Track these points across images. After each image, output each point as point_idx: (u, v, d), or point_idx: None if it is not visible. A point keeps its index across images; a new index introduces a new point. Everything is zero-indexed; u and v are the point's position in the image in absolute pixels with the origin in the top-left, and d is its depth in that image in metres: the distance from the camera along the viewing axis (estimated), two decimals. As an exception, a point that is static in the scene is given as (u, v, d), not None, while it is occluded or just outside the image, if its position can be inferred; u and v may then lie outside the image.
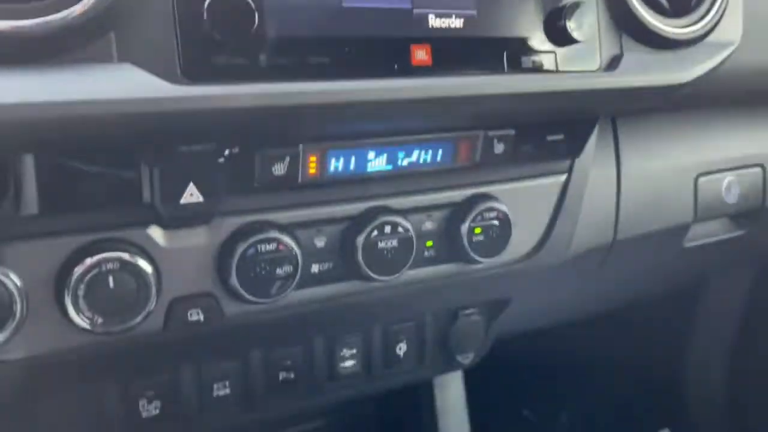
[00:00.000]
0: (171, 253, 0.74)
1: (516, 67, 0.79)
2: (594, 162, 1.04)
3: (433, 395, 1.23)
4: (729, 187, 1.20)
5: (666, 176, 1.13)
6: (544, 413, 2.14)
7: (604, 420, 2.04)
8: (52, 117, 0.56)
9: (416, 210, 0.88)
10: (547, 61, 0.81)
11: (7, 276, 0.66)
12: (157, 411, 0.85)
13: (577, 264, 1.07)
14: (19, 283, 0.66)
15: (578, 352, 2.09)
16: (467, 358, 1.08)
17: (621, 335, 2.03)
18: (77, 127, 0.58)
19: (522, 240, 0.97)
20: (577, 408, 2.12)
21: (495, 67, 0.78)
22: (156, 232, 0.73)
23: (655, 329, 2.01)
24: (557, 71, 0.82)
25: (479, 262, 0.91)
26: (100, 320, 0.69)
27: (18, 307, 0.66)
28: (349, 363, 0.97)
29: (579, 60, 0.83)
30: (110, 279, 0.69)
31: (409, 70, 0.72)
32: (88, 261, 0.68)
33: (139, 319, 0.71)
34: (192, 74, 0.62)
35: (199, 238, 0.75)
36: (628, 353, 2.02)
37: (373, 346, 0.98)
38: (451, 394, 1.25)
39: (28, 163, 0.63)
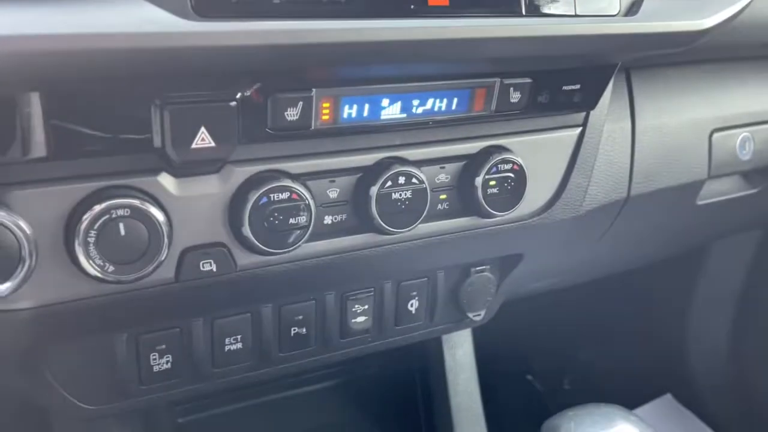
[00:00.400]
0: (182, 202, 0.72)
1: (534, 10, 0.77)
2: (609, 116, 1.02)
3: (442, 354, 1.23)
4: (743, 144, 1.18)
5: (681, 131, 1.11)
6: (547, 378, 2.15)
7: (606, 385, 2.05)
8: (58, 50, 0.54)
9: (430, 161, 0.86)
10: (566, 5, 0.79)
11: (16, 222, 0.64)
12: (169, 365, 0.85)
13: (591, 220, 1.06)
14: (28, 230, 0.65)
15: (581, 318, 2.09)
16: (478, 316, 1.07)
17: (624, 299, 2.03)
18: (83, 61, 0.55)
19: (536, 194, 0.95)
20: (579, 373, 2.12)
21: (512, 10, 0.76)
22: (167, 180, 0.71)
23: (658, 293, 2.01)
24: (576, 15, 0.79)
25: (493, 216, 0.90)
26: (111, 268, 0.68)
27: (27, 255, 0.65)
28: (360, 319, 0.96)
29: (598, 4, 0.81)
30: (121, 226, 0.67)
31: (426, 10, 0.70)
32: (98, 207, 0.66)
33: (150, 268, 0.70)
34: (203, 10, 0.60)
35: (211, 187, 0.74)
36: (631, 318, 2.02)
37: (385, 302, 0.97)
38: (461, 352, 1.24)
39: (36, 104, 0.61)
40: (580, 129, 0.97)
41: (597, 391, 2.07)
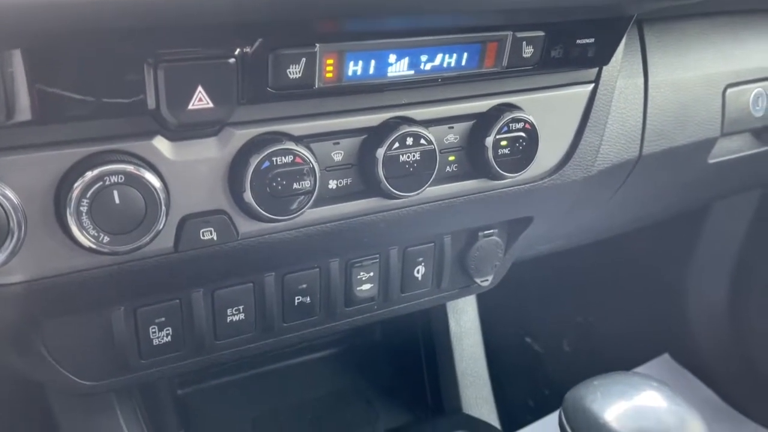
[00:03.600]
0: (179, 167, 0.68)
1: (550, -44, 0.72)
2: (621, 72, 0.98)
3: (447, 320, 1.20)
4: (757, 100, 1.14)
5: (694, 87, 1.07)
6: (547, 340, 2.15)
7: (606, 346, 2.04)
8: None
9: (438, 121, 0.82)
10: (583, -49, 0.74)
11: (2, 191, 0.60)
12: (169, 338, 0.81)
13: (602, 180, 1.03)
14: (15, 200, 0.61)
15: (579, 280, 2.08)
16: (486, 281, 1.04)
17: (623, 261, 2.02)
18: (65, 12, 0.50)
19: (548, 154, 0.92)
20: (578, 335, 2.12)
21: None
22: (162, 144, 0.67)
23: (657, 255, 2.00)
24: (594, -38, 0.74)
25: (504, 178, 0.86)
26: (105, 239, 0.64)
27: (15, 226, 0.61)
28: (366, 287, 0.93)
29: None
30: (115, 194, 0.63)
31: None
32: (89, 174, 0.62)
33: (148, 238, 0.66)
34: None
35: (210, 151, 0.69)
36: (629, 279, 2.01)
37: (390, 269, 0.94)
38: (465, 318, 1.22)
39: (18, 63, 0.56)
40: (592, 85, 0.93)
41: (596, 352, 2.07)
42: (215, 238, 0.72)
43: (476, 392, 1.19)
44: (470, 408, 1.17)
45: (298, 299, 0.89)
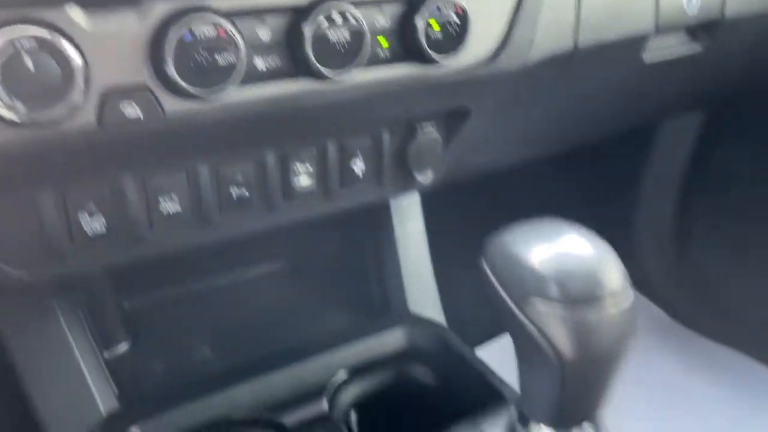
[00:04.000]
0: (97, 39, 0.66)
1: None
2: (554, -38, 0.98)
3: (392, 227, 1.21)
4: (690, -4, 1.16)
5: (628, -20, 1.08)
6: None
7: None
8: None
9: (367, 3, 0.81)
10: None
11: None
12: (102, 228, 0.81)
13: (538, 75, 1.03)
14: None
15: (530, 204, 2.11)
16: (427, 178, 1.05)
17: (572, 185, 2.07)
18: None
19: (481, 42, 0.92)
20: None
21: None
22: (76, 13, 0.65)
23: (605, 180, 2.05)
24: None
25: (437, 62, 0.86)
26: (22, 108, 0.63)
27: (-76, 94, 0.59)
28: (303, 179, 0.93)
29: None
30: (28, 60, 0.62)
31: None
32: (-1, 38, 0.60)
33: (66, 109, 0.65)
34: None
35: (129, 22, 0.68)
36: (578, 203, 2.05)
37: (328, 161, 0.94)
38: (411, 224, 1.23)
39: None
40: (524, -27, 0.93)
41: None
42: (141, 116, 0.71)
43: (422, 292, 1.21)
44: (417, 308, 1.20)
45: (235, 191, 0.89)
